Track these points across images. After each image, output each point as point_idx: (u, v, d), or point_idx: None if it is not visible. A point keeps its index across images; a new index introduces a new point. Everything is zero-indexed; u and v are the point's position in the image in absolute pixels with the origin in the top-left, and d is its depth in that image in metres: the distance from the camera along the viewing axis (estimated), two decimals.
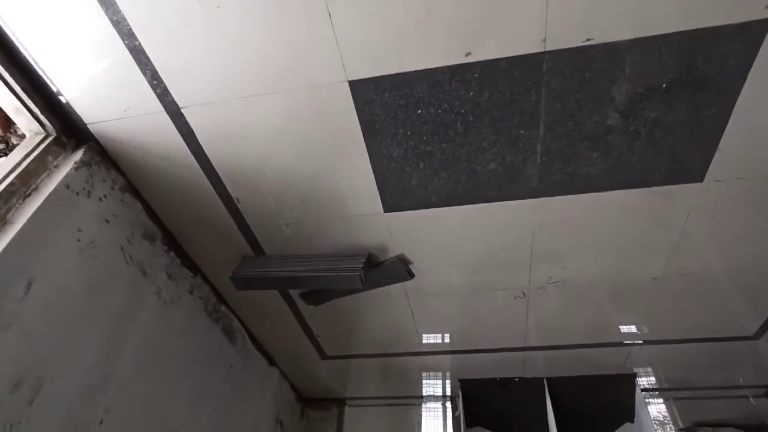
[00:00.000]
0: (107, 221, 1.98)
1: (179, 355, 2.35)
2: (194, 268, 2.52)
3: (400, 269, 2.42)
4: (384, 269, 2.43)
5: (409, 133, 1.80)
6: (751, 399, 3.63)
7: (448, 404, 3.78)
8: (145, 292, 2.16)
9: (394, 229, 2.21)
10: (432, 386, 3.59)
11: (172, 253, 2.37)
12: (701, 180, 1.88)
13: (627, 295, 2.53)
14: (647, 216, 2.06)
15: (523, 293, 2.56)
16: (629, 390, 3.25)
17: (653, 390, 3.24)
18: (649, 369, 3.20)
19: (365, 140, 1.84)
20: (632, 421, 3.29)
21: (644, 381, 3.23)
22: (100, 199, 1.96)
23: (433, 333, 2.94)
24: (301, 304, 2.79)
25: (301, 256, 2.40)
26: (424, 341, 3.02)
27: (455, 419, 3.62)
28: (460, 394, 3.41)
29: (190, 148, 1.93)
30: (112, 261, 1.99)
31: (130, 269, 2.09)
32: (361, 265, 2.27)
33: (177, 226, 2.30)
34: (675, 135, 1.73)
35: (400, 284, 2.55)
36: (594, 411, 3.32)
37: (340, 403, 3.87)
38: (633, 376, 3.24)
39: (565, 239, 2.21)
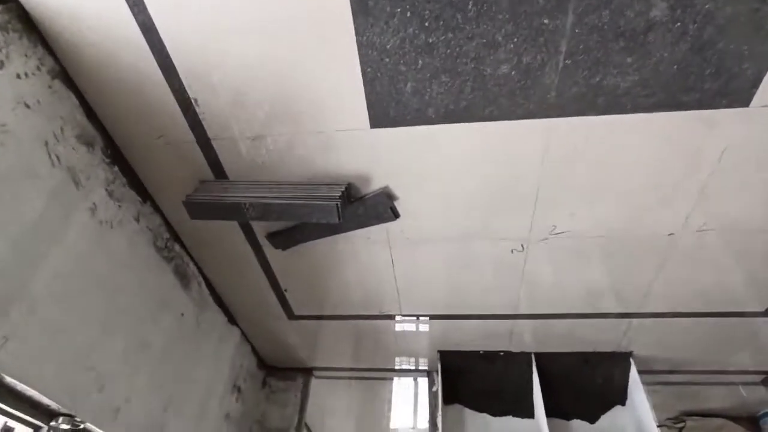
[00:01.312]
0: (27, 106, 1.60)
1: (116, 288, 1.97)
2: (143, 193, 2.14)
3: (384, 206, 2.09)
4: (365, 205, 2.09)
5: (409, 14, 1.47)
6: (742, 389, 3.44)
7: (425, 380, 3.47)
8: (75, 206, 1.78)
9: (380, 152, 1.88)
10: (409, 357, 3.27)
11: (116, 169, 1.99)
12: (747, 104, 1.60)
13: (637, 255, 2.25)
14: (677, 150, 1.78)
15: (522, 246, 2.26)
16: (623, 370, 3.00)
17: (648, 372, 2.99)
18: (646, 348, 2.94)
19: (354, 23, 1.50)
20: (623, 404, 3.04)
21: (640, 361, 2.97)
22: (19, 76, 1.57)
23: (416, 291, 2.61)
24: (268, 249, 2.43)
25: (269, 182, 2.05)
26: (404, 301, 2.69)
27: (432, 395, 3.32)
28: (439, 366, 3.10)
29: (137, 21, 1.55)
30: (30, 156, 1.60)
31: (57, 173, 1.70)
32: (339, 195, 1.93)
33: (123, 134, 1.92)
34: (728, 37, 1.44)
35: (382, 228, 2.23)
36: (584, 391, 3.06)
37: (307, 373, 3.52)
38: (628, 355, 2.99)
39: (577, 177, 1.91)
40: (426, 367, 3.40)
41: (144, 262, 2.16)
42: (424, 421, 5.62)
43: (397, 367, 3.41)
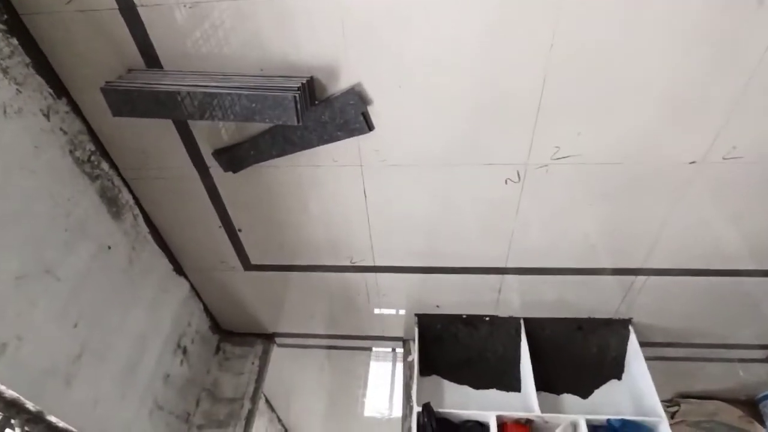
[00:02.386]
0: None
1: (7, 193, 1.55)
2: (57, 85, 1.73)
3: (355, 111, 1.71)
4: (332, 107, 1.71)
5: None
6: (740, 369, 3.16)
7: (399, 350, 3.11)
8: None
9: (351, 30, 1.51)
10: (382, 324, 2.90)
11: (15, 41, 1.57)
12: None
13: (649, 189, 1.92)
14: (708, 46, 1.45)
15: (518, 174, 1.91)
16: (621, 340, 2.68)
17: (644, 345, 2.68)
18: (645, 314, 2.63)
19: None
20: (619, 378, 2.73)
21: (638, 331, 2.66)
22: None
23: (391, 235, 2.24)
24: (217, 172, 2.04)
25: (214, 73, 1.66)
26: (378, 249, 2.32)
27: (407, 365, 2.95)
28: (416, 332, 2.74)
29: None
30: None
31: None
32: (298, 87, 1.55)
33: None
34: None
35: (353, 146, 1.85)
36: (577, 363, 2.73)
37: (267, 339, 3.12)
38: (627, 323, 2.67)
39: (587, 84, 1.58)
40: (401, 335, 3.03)
41: (55, 172, 1.75)
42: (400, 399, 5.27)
43: (370, 334, 3.03)
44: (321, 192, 2.07)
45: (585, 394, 2.72)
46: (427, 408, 2.35)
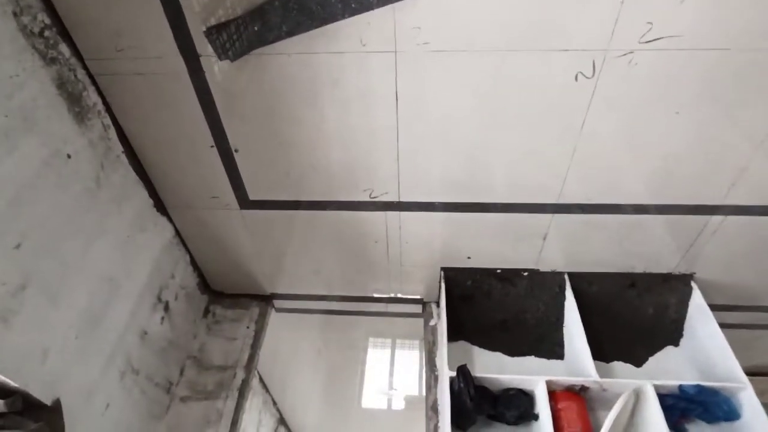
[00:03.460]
0: None
1: None
2: None
3: None
4: None
5: None
6: None
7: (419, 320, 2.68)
8: None
9: None
10: (401, 279, 2.47)
11: None
12: None
13: (756, 89, 1.54)
14: None
15: (593, 65, 1.51)
16: (681, 299, 2.30)
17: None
18: (710, 270, 2.25)
19: None
20: (676, 344, 2.35)
21: (701, 288, 2.28)
22: None
23: (424, 153, 1.82)
24: (209, 64, 1.61)
25: None
26: (405, 173, 1.90)
27: (430, 330, 2.54)
28: (442, 287, 2.32)
29: None
30: None
31: None
32: None
33: None
34: None
35: (387, 22, 1.44)
36: (629, 326, 2.34)
37: (265, 301, 2.68)
38: (688, 279, 2.29)
39: None
40: (422, 295, 2.61)
41: None
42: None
43: (384, 295, 2.61)
44: (342, 93, 1.65)
45: (638, 361, 2.32)
46: (463, 371, 1.93)
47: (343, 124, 1.76)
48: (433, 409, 2.20)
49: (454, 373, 1.98)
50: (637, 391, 1.95)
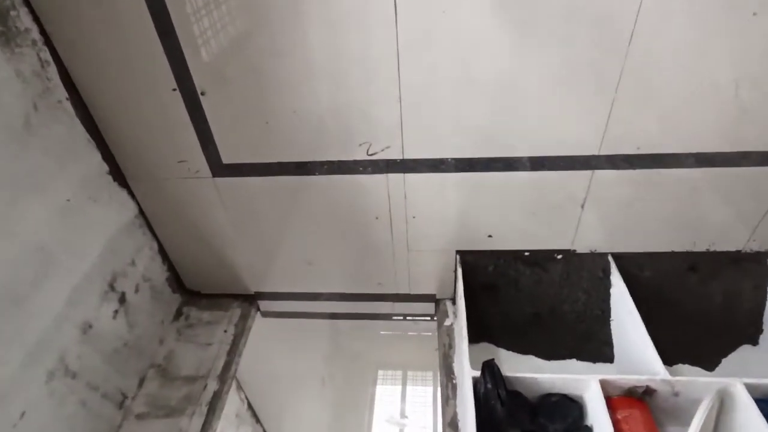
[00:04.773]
0: None
1: None
2: None
3: None
4: None
5: None
6: None
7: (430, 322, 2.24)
8: None
9: None
10: (408, 270, 2.06)
11: None
12: None
13: None
14: None
15: None
16: (757, 283, 1.85)
17: None
18: None
19: None
20: (755, 342, 1.87)
21: None
22: None
23: (434, 88, 1.47)
24: None
25: None
26: (410, 117, 1.54)
27: (444, 332, 2.09)
28: (459, 274, 1.90)
29: None
30: None
31: None
32: None
33: None
34: None
35: None
36: (692, 319, 1.89)
37: (248, 302, 2.27)
38: (764, 257, 1.85)
39: None
40: (433, 291, 2.18)
41: None
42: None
43: (389, 292, 2.18)
44: (330, 10, 1.33)
45: (709, 365, 1.85)
46: (490, 367, 1.49)
47: (333, 53, 1.43)
48: (451, 425, 1.72)
49: (477, 372, 1.53)
50: (722, 393, 1.48)
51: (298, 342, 3.12)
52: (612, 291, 1.88)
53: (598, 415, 1.46)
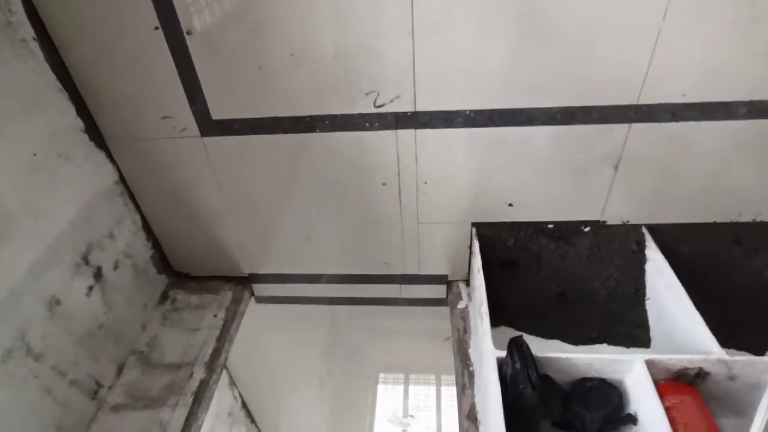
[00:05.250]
0: None
1: None
2: None
3: None
4: None
5: None
6: None
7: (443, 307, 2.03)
8: None
9: None
10: (419, 246, 1.86)
11: None
12: None
13: None
14: None
15: None
16: None
17: None
18: None
19: None
20: None
21: None
22: None
23: (444, 22, 1.29)
24: None
25: None
26: (423, 57, 1.35)
27: (457, 315, 1.88)
28: (475, 248, 1.70)
29: None
30: None
31: None
32: None
33: None
34: None
35: None
36: (738, 298, 1.68)
37: (241, 284, 2.06)
38: None
39: None
40: (445, 272, 1.98)
41: None
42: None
43: (396, 273, 1.98)
44: None
45: (759, 348, 1.64)
46: (518, 345, 1.28)
47: None
48: (469, 417, 1.51)
49: (502, 353, 1.32)
50: None
51: (296, 332, 2.90)
52: (647, 266, 1.68)
53: (644, 402, 1.26)
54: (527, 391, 1.21)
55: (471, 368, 1.65)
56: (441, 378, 4.93)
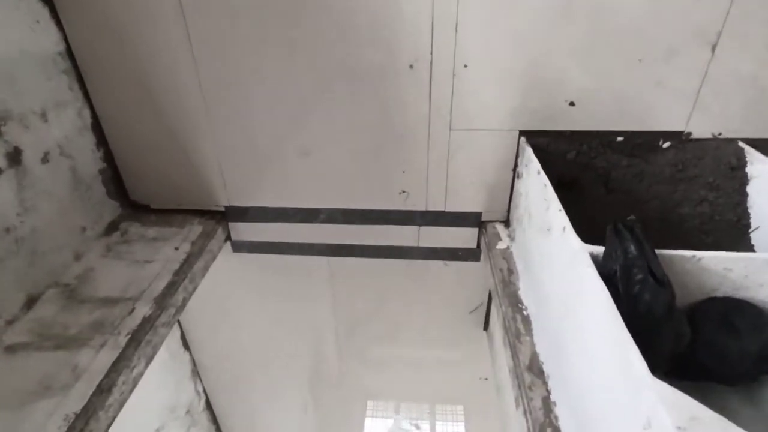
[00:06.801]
0: None
1: None
2: None
3: None
4: None
5: None
6: None
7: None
8: None
9: None
10: (449, 163, 1.44)
11: None
12: None
13: None
14: None
15: None
16: None
17: None
18: None
19: None
20: None
21: None
22: None
23: None
24: None
25: None
26: None
27: (498, 255, 1.43)
28: (528, 154, 1.30)
29: None
30: None
31: None
32: None
33: None
34: None
35: None
36: None
37: (215, 219, 1.60)
38: None
39: None
40: (479, 208, 1.55)
41: None
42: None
43: (418, 208, 1.54)
44: None
45: None
46: (629, 228, 0.85)
47: None
48: (531, 370, 1.04)
49: (594, 249, 0.88)
50: None
51: (282, 303, 2.38)
52: (749, 188, 1.29)
53: None
54: (651, 289, 0.77)
55: (525, 312, 1.20)
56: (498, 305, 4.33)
